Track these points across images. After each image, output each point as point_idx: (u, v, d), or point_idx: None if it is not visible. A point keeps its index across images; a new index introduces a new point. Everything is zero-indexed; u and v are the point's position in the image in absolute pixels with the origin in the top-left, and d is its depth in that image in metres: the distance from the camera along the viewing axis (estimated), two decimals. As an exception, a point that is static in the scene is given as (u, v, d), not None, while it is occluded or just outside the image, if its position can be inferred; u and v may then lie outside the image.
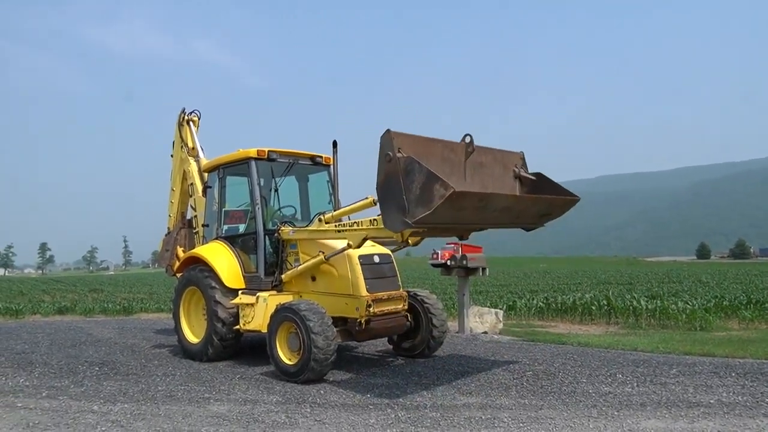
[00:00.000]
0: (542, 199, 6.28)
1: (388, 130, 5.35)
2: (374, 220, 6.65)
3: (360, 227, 6.84)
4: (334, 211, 7.60)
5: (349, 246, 6.99)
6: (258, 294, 7.83)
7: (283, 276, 7.90)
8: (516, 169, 6.67)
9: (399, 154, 5.31)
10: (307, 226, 7.80)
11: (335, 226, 7.24)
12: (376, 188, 5.51)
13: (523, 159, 6.80)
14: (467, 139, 6.07)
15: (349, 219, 7.39)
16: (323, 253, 7.39)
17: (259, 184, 8.34)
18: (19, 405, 5.92)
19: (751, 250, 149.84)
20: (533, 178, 6.62)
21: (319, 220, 7.49)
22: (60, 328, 13.41)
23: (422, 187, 5.11)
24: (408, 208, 5.21)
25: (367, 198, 7.00)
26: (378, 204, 5.64)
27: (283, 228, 8.00)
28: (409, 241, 6.45)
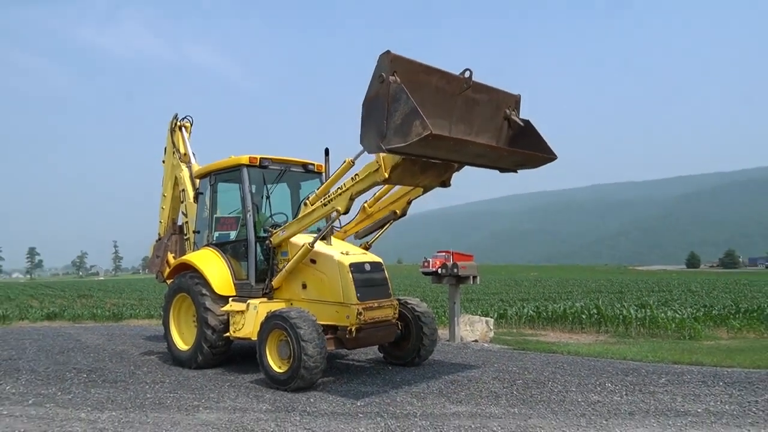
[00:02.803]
0: (519, 153, 6.36)
1: (387, 51, 5.43)
2: (355, 175, 6.71)
3: (343, 188, 6.87)
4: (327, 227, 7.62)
5: (338, 212, 6.93)
6: (248, 301, 7.81)
7: (273, 281, 7.85)
8: (507, 111, 6.66)
9: (392, 78, 5.38)
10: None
11: (321, 201, 7.21)
12: (363, 104, 5.61)
13: (518, 102, 6.77)
14: (466, 74, 6.08)
15: None
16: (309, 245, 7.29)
17: (250, 191, 8.34)
18: (5, 413, 5.86)
19: (740, 260, 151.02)
20: (521, 124, 6.65)
21: (305, 204, 7.49)
22: (48, 334, 13.29)
23: (404, 118, 5.27)
24: (386, 133, 5.38)
25: (345, 161, 6.97)
26: (360, 120, 5.71)
27: (274, 232, 7.95)
28: (392, 176, 6.41)
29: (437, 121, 5.85)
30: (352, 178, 6.78)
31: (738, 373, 7.48)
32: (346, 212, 6.95)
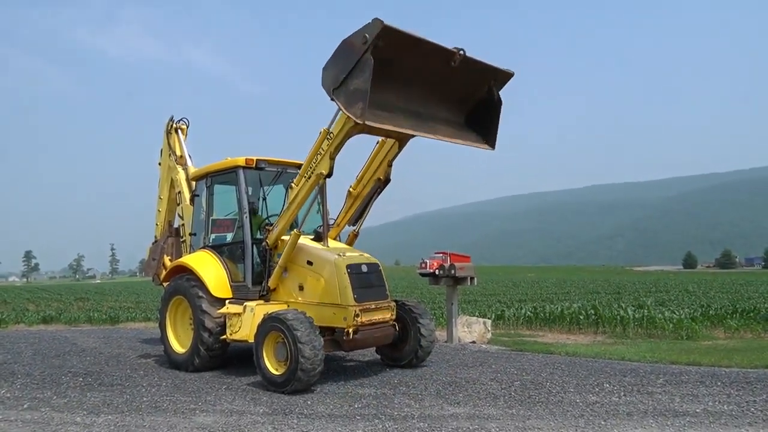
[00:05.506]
0: (457, 143, 6.79)
1: (380, 21, 5.48)
2: (329, 134, 6.78)
3: (322, 152, 6.89)
4: (323, 228, 7.63)
5: (322, 176, 6.92)
6: (245, 303, 7.77)
7: (270, 281, 7.78)
8: (491, 83, 6.89)
9: (374, 42, 5.48)
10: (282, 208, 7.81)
11: (304, 177, 7.21)
12: (340, 43, 5.76)
13: (507, 78, 7.00)
14: (461, 53, 6.23)
15: None
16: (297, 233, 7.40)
17: (247, 192, 8.31)
18: (0, 417, 5.81)
19: (737, 260, 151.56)
20: (494, 98, 6.92)
21: (291, 188, 7.50)
22: (44, 337, 13.23)
23: (355, 90, 5.53)
24: (338, 86, 5.71)
25: (321, 132, 6.96)
26: (331, 53, 5.89)
27: (270, 230, 7.89)
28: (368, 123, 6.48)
29: (391, 97, 6.15)
30: (326, 138, 6.83)
31: (736, 373, 7.48)
32: (330, 174, 6.95)
